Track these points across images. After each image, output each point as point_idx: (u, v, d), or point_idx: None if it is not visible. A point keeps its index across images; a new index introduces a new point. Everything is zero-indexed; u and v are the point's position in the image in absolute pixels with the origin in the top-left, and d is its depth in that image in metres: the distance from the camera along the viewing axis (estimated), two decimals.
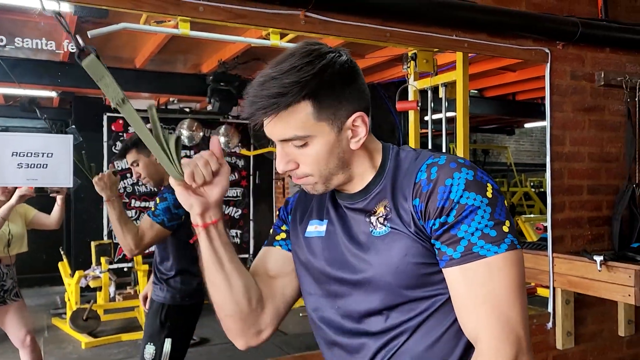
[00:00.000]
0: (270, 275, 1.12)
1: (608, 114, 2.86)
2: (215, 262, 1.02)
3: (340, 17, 2.09)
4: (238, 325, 1.07)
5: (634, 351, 2.93)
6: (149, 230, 2.28)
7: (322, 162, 0.96)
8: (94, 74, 0.92)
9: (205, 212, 1.01)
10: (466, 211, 0.89)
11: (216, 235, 1.02)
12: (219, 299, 1.05)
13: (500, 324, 0.87)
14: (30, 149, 1.64)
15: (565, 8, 2.72)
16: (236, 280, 1.03)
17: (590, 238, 2.78)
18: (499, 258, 0.88)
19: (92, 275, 5.10)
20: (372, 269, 0.97)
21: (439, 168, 0.93)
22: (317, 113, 0.92)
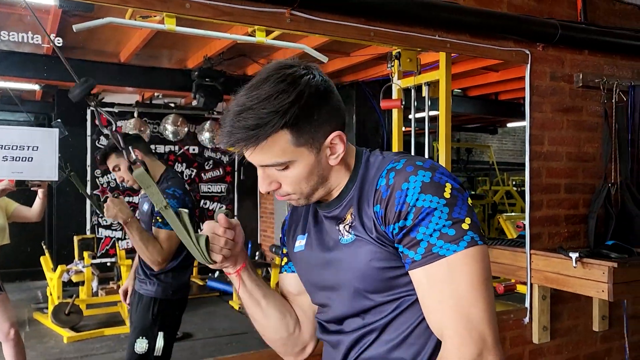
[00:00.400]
0: (295, 294, 1.21)
1: (586, 114, 2.93)
2: (251, 301, 1.15)
3: (325, 16, 2.12)
4: (282, 349, 1.21)
5: (607, 346, 3.01)
6: (167, 240, 2.30)
7: (302, 182, 1.00)
8: (142, 183, 1.05)
9: (234, 264, 1.11)
10: (423, 213, 0.90)
11: (247, 278, 1.13)
12: (261, 330, 1.20)
13: (462, 323, 0.89)
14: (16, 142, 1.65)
15: (545, 10, 2.78)
16: (272, 312, 1.16)
17: (567, 235, 2.85)
18: (458, 256, 0.90)
19: (74, 269, 5.08)
20: (341, 275, 1.02)
21: (396, 173, 0.95)
22: (296, 139, 0.94)
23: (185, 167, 6.96)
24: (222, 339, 4.57)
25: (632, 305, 2.95)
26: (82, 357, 4.25)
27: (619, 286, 2.35)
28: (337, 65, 5.03)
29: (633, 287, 2.36)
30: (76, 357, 4.25)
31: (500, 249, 2.86)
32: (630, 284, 2.36)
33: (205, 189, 7.11)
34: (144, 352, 2.39)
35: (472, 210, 0.94)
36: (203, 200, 7.08)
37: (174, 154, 6.81)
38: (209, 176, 7.13)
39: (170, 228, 2.26)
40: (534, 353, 2.77)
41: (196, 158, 7.02)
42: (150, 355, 2.39)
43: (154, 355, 2.39)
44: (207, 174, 7.12)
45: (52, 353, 4.31)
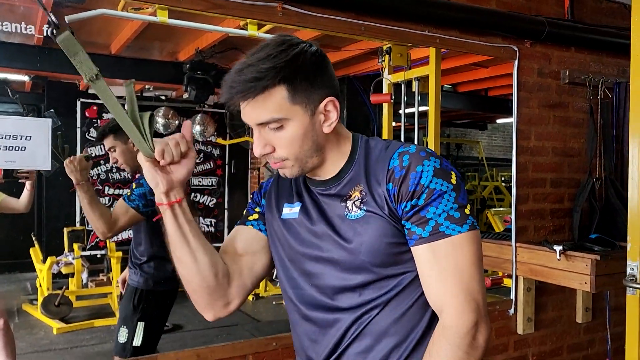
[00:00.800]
0: (239, 254, 1.18)
1: (572, 110, 2.99)
2: (180, 239, 1.08)
3: (317, 10, 2.15)
4: (205, 299, 1.13)
5: (590, 337, 3.08)
6: (124, 214, 2.30)
7: (297, 145, 1.03)
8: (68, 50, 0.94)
9: (170, 190, 1.05)
10: (434, 195, 1.00)
11: (180, 213, 1.07)
12: (185, 274, 1.11)
13: (463, 294, 0.99)
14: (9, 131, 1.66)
15: (533, 7, 2.83)
16: (202, 255, 1.09)
17: (552, 229, 2.91)
18: (462, 237, 1.00)
19: (64, 261, 5.08)
20: (348, 249, 1.05)
21: (410, 156, 1.03)
22: (292, 97, 0.99)
23: None
24: (211, 330, 4.60)
25: (615, 298, 3.01)
26: (71, 348, 4.27)
27: (601, 278, 2.41)
28: None
29: (615, 279, 2.42)
30: (66, 348, 4.26)
31: (487, 242, 2.91)
32: (612, 276, 2.41)
33: (196, 182, 7.11)
34: (124, 341, 2.41)
35: (469, 199, 1.05)
36: (193, 193, 7.08)
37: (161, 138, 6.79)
38: (199, 169, 7.14)
39: (133, 205, 2.28)
40: (519, 343, 2.83)
41: None
42: (128, 345, 2.40)
43: (132, 345, 2.39)
44: (198, 167, 7.12)
45: (42, 344, 4.32)
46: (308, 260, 1.11)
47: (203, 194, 7.15)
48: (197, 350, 2.00)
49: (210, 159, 7.18)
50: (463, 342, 0.97)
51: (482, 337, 0.99)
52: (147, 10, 2.58)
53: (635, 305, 2.00)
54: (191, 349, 2.00)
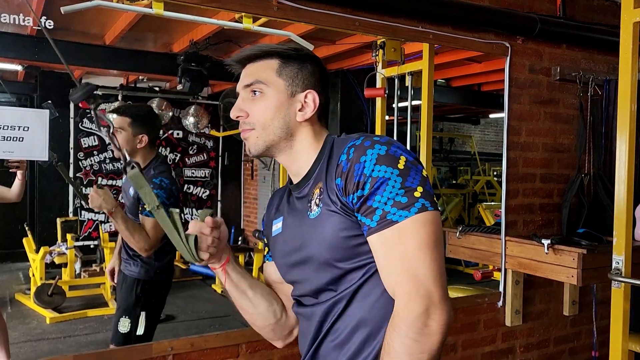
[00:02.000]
0: (278, 282, 1.27)
1: (562, 107, 3.03)
2: (238, 293, 1.22)
3: (312, 5, 2.17)
4: (271, 335, 1.30)
5: (576, 329, 3.14)
6: (153, 228, 2.32)
7: (268, 116, 1.12)
8: (136, 184, 1.10)
9: (218, 261, 1.18)
10: (377, 183, 0.99)
11: (232, 271, 1.20)
12: (249, 319, 1.28)
13: (411, 281, 0.97)
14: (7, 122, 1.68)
15: (525, 4, 2.85)
16: (259, 301, 1.24)
17: (541, 223, 2.95)
18: (408, 221, 0.98)
19: (57, 251, 5.09)
20: (311, 248, 1.09)
21: (355, 148, 1.04)
22: (280, 70, 1.13)
23: (170, 152, 6.96)
24: (204, 321, 4.64)
25: (601, 291, 3.07)
26: (64, 337, 4.29)
27: (587, 272, 2.45)
28: (322, 53, 5.06)
29: (601, 273, 2.46)
30: (59, 337, 4.28)
31: (477, 236, 2.95)
32: (599, 270, 2.45)
33: (189, 174, 7.12)
34: (126, 331, 2.45)
35: (426, 180, 1.03)
36: (187, 184, 7.09)
37: (158, 138, 6.80)
38: (193, 161, 7.14)
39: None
40: (507, 335, 2.88)
41: (180, 142, 7.02)
42: (132, 334, 2.45)
43: (135, 334, 2.45)
44: (191, 159, 7.13)
45: (35, 333, 4.34)
46: (290, 268, 1.18)
47: (196, 185, 7.17)
48: (191, 339, 2.03)
49: (203, 150, 7.19)
50: (410, 330, 0.96)
51: (435, 323, 0.96)
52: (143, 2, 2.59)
53: (620, 298, 2.06)
54: (185, 338, 2.03)
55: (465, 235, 2.99)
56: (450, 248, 3.10)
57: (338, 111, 5.71)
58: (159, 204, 1.09)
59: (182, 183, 7.01)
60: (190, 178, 7.13)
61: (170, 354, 1.98)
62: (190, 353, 2.02)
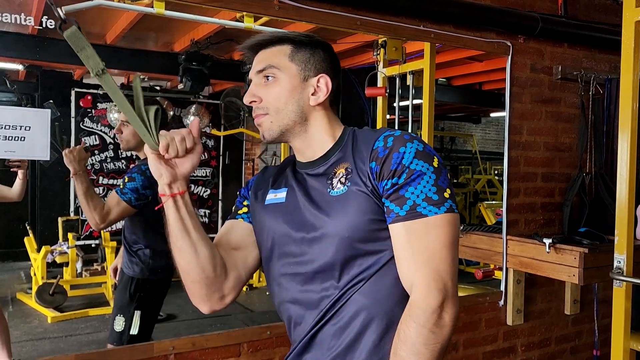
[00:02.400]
0: (233, 247, 1.21)
1: (564, 106, 3.02)
2: (181, 230, 1.10)
3: (313, 4, 2.17)
4: (203, 291, 1.15)
5: (578, 328, 3.14)
6: (116, 206, 2.33)
7: (281, 100, 1.13)
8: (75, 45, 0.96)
9: (173, 183, 1.08)
10: (414, 175, 1.03)
11: (182, 205, 1.09)
12: (185, 265, 1.13)
13: (432, 273, 1.02)
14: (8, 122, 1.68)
15: (527, 3, 2.85)
16: (202, 247, 1.12)
17: (543, 222, 2.95)
18: (437, 218, 1.02)
19: (59, 250, 5.10)
20: (330, 225, 1.08)
21: (394, 138, 1.07)
22: (293, 55, 1.14)
23: None
24: (205, 320, 4.64)
25: (603, 290, 3.07)
26: (66, 336, 4.29)
27: (589, 271, 2.45)
28: None
29: (602, 272, 2.46)
30: (60, 336, 4.29)
31: (479, 235, 2.95)
32: (600, 268, 2.46)
33: None
34: (121, 330, 2.44)
35: (451, 183, 1.08)
36: None
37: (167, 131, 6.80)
38: None
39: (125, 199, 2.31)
40: (508, 334, 2.88)
41: None
42: (126, 333, 2.44)
43: (129, 334, 2.44)
44: None
45: (37, 332, 4.35)
46: (295, 242, 1.13)
47: (197, 184, 7.17)
48: (192, 339, 2.03)
49: (204, 149, 7.19)
50: (428, 321, 0.99)
51: (448, 316, 1.01)
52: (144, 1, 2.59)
53: (622, 298, 2.06)
54: (186, 337, 2.03)
55: (466, 234, 2.99)
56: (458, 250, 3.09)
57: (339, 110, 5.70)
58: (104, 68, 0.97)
59: None
60: (192, 177, 7.10)
61: (172, 353, 1.98)
62: (191, 352, 2.02)
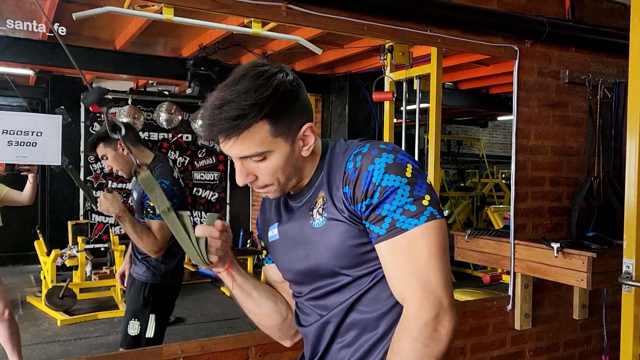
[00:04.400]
0: (281, 282, 1.28)
1: (571, 110, 3.02)
2: (243, 295, 1.23)
3: (320, 10, 2.18)
4: (278, 334, 1.30)
5: (586, 333, 3.12)
6: (160, 230, 2.36)
7: (279, 172, 1.07)
8: (146, 187, 1.07)
9: (224, 262, 1.17)
10: (387, 192, 1.00)
11: (237, 273, 1.20)
12: (256, 320, 1.28)
13: (421, 287, 1.00)
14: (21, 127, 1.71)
15: (534, 8, 2.85)
16: (264, 302, 1.25)
17: (550, 227, 2.94)
18: (418, 229, 0.99)
19: (68, 254, 5.14)
20: (318, 256, 1.09)
21: (362, 156, 1.03)
22: (274, 130, 1.01)
23: (179, 155, 7.00)
24: (214, 323, 4.66)
25: (612, 295, 3.05)
26: (75, 339, 4.32)
27: (597, 275, 2.45)
28: (330, 56, 5.09)
29: (611, 276, 2.45)
30: (70, 339, 4.32)
31: (486, 239, 2.95)
32: (608, 273, 2.45)
33: (198, 177, 7.16)
34: (136, 333, 2.48)
35: (431, 187, 1.04)
36: (195, 188, 7.13)
37: (167, 142, 6.85)
38: (201, 164, 7.18)
39: (161, 218, 2.34)
40: (516, 339, 2.87)
41: (189, 146, 7.06)
42: (142, 337, 2.47)
43: (145, 337, 2.47)
44: (200, 162, 7.16)
45: (46, 335, 4.38)
46: (294, 274, 1.19)
47: (205, 188, 7.19)
48: (201, 342, 2.05)
49: (212, 154, 7.22)
50: (421, 335, 0.98)
51: (443, 329, 0.99)
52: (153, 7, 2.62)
53: (631, 303, 2.04)
54: (195, 341, 2.04)
55: (473, 238, 2.99)
56: (459, 251, 3.09)
57: (346, 114, 5.72)
58: (169, 206, 1.07)
59: (191, 186, 7.04)
60: (199, 181, 7.16)
61: (181, 356, 2.00)
62: (200, 356, 2.04)
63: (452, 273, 6.31)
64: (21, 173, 3.13)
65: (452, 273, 6.42)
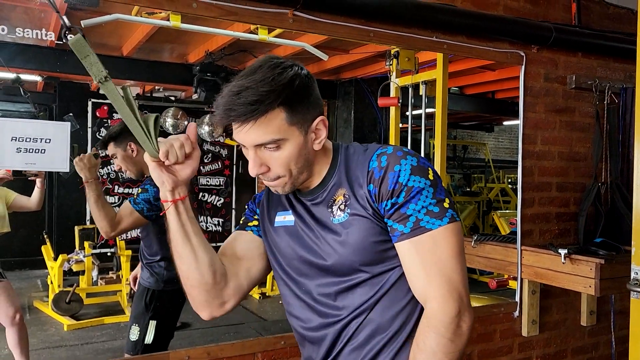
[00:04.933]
0: (238, 257, 1.23)
1: (578, 115, 3.01)
2: (182, 235, 1.12)
3: (327, 17, 2.19)
4: (203, 296, 1.17)
5: (594, 340, 3.10)
6: (128, 216, 2.35)
7: (292, 163, 1.08)
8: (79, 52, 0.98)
9: (175, 189, 1.10)
10: (413, 192, 1.04)
11: (183, 210, 1.11)
12: (185, 269, 1.15)
13: (446, 284, 1.04)
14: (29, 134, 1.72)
15: (540, 13, 2.85)
16: (202, 253, 1.13)
17: (557, 232, 2.93)
18: (442, 230, 1.04)
19: (75, 259, 5.16)
20: (338, 252, 1.09)
21: (388, 157, 1.07)
22: (290, 118, 1.03)
23: None
24: (219, 329, 4.66)
25: (620, 301, 3.03)
26: (82, 344, 4.34)
27: (605, 282, 2.43)
28: (336, 62, 5.10)
29: (619, 283, 2.44)
30: (76, 344, 4.33)
31: (493, 245, 2.94)
32: (617, 280, 2.43)
33: (204, 182, 7.18)
34: (135, 339, 2.47)
35: (448, 192, 1.11)
36: (201, 193, 7.15)
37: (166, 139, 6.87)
38: (207, 169, 7.20)
39: (138, 209, 2.34)
40: (523, 345, 2.86)
41: None
42: (140, 343, 2.46)
43: (143, 343, 2.45)
44: (206, 167, 7.19)
45: (53, 340, 4.40)
46: (306, 265, 1.15)
47: (211, 193, 7.22)
48: (207, 348, 2.05)
49: (218, 159, 7.24)
50: (447, 330, 1.02)
51: (465, 324, 1.04)
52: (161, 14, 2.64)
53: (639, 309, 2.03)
54: (201, 347, 2.05)
55: (480, 244, 2.98)
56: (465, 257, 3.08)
57: (352, 120, 5.73)
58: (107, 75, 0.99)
59: (197, 191, 7.06)
60: (205, 186, 7.18)
61: None
62: None
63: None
64: (29, 178, 3.16)
65: None
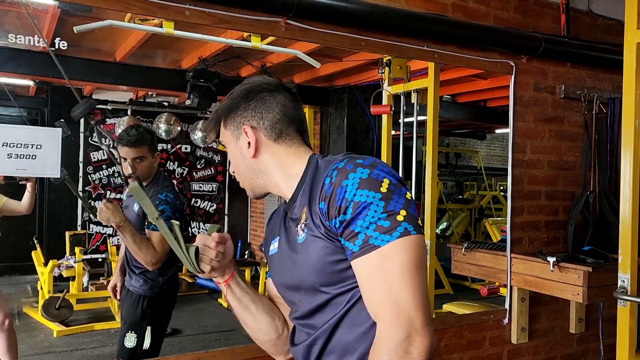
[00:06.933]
0: (279, 298, 1.29)
1: (567, 124, 3.04)
2: (241, 307, 1.25)
3: (319, 25, 2.21)
4: (273, 349, 1.31)
5: (583, 347, 3.13)
6: (160, 242, 2.36)
7: (236, 165, 1.20)
8: (137, 196, 1.18)
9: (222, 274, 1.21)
10: (360, 207, 0.98)
11: (236, 286, 1.24)
12: (252, 333, 1.30)
13: (392, 307, 0.96)
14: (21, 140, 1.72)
15: (530, 24, 2.89)
16: (261, 317, 1.27)
17: (547, 240, 2.96)
18: (391, 246, 0.96)
19: (65, 264, 5.13)
20: (300, 272, 1.10)
21: (338, 172, 1.02)
22: (225, 125, 1.20)
23: (177, 166, 7.01)
24: (210, 335, 4.65)
25: (608, 309, 3.06)
26: (71, 351, 4.31)
27: (593, 290, 2.46)
28: (329, 69, 5.12)
29: (607, 291, 2.46)
30: (66, 351, 4.31)
31: (483, 252, 2.96)
32: (604, 287, 2.46)
33: (197, 188, 7.17)
34: (133, 346, 2.47)
35: (410, 203, 1.01)
36: (194, 198, 7.14)
37: (166, 152, 6.87)
38: (200, 175, 7.20)
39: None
40: (513, 353, 2.87)
41: (188, 157, 7.09)
42: (138, 349, 2.47)
43: (142, 349, 2.47)
44: (199, 173, 7.18)
45: (42, 346, 4.36)
46: (285, 289, 1.20)
47: (203, 199, 7.21)
48: (197, 355, 2.05)
49: (211, 165, 7.24)
50: (392, 357, 0.95)
51: (416, 350, 0.95)
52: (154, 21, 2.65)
53: (626, 317, 2.05)
54: (192, 353, 2.05)
55: (470, 251, 3.00)
56: (456, 265, 3.10)
57: (345, 127, 5.75)
58: (159, 215, 1.15)
59: (189, 197, 7.06)
60: (198, 192, 7.18)
61: None
62: None
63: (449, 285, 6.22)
64: (19, 182, 3.15)
65: (450, 285, 6.42)
